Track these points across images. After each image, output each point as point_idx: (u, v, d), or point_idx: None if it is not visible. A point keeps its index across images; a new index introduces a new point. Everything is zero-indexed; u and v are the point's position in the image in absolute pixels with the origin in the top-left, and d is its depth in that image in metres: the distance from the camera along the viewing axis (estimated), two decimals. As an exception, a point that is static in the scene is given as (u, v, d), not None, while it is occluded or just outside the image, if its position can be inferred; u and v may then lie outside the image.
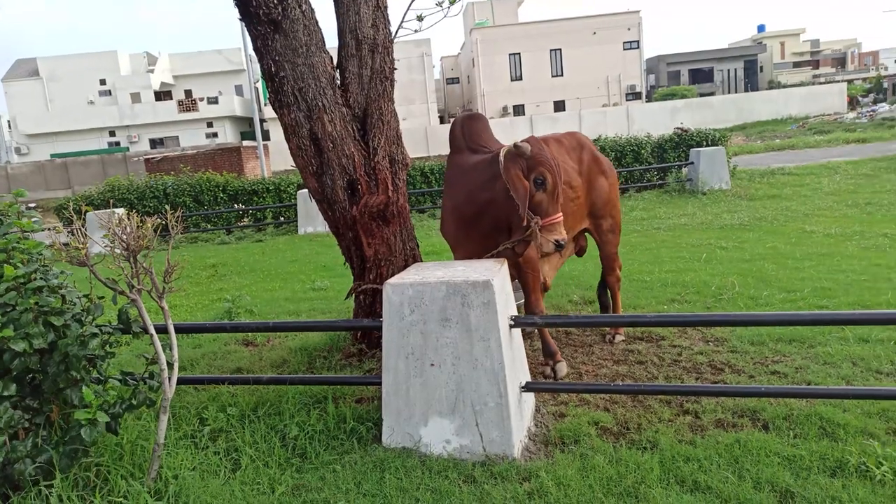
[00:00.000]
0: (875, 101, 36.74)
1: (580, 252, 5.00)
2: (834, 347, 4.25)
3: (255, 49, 4.11)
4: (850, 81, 45.00)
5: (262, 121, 29.88)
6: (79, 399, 2.84)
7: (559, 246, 3.68)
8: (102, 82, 45.19)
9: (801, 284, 5.87)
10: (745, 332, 4.63)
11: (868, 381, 3.77)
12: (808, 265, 6.67)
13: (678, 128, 15.48)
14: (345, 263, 4.67)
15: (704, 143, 14.36)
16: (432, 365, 3.18)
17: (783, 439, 3.10)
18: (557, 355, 4.17)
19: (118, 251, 2.79)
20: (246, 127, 45.09)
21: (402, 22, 4.76)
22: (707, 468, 2.89)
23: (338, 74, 4.29)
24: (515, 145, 3.71)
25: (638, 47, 40.99)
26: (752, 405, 3.46)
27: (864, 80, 49.85)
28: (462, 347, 3.13)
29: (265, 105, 37.46)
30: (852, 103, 35.76)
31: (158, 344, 2.91)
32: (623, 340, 4.72)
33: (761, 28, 60.47)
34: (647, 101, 40.48)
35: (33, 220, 3.02)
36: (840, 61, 61.56)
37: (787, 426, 3.22)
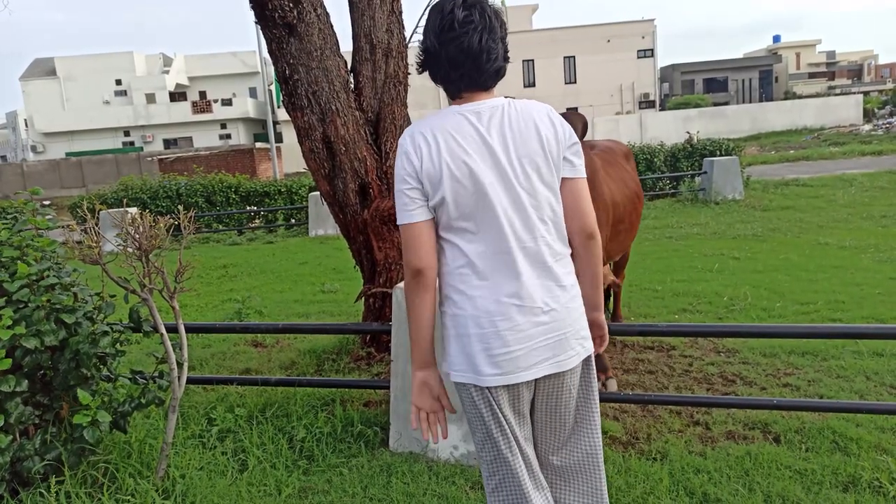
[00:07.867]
0: (891, 114, 36.39)
1: None
2: (847, 361, 4.20)
3: (270, 52, 4.12)
4: (866, 93, 44.59)
5: (275, 123, 30.05)
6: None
7: None
8: (118, 82, 45.63)
9: (815, 297, 5.82)
10: (758, 344, 4.58)
11: (882, 395, 3.72)
12: (821, 277, 6.61)
13: (688, 132, 15.45)
14: (355, 267, 4.67)
15: (718, 153, 14.28)
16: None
17: (795, 453, 3.06)
18: (609, 371, 3.98)
19: (131, 250, 2.80)
20: (259, 129, 45.33)
21: (416, 27, 4.77)
22: (717, 480, 2.86)
23: (351, 78, 4.30)
24: None
25: (652, 55, 40.86)
26: (764, 418, 3.42)
27: (881, 92, 49.37)
28: (471, 353, 3.11)
29: (278, 107, 37.60)
30: (867, 115, 35.47)
31: (168, 343, 2.92)
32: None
33: (777, 38, 60.07)
34: (660, 110, 40.28)
35: (47, 217, 3.04)
36: (856, 73, 61.12)
37: (799, 440, 3.18)
